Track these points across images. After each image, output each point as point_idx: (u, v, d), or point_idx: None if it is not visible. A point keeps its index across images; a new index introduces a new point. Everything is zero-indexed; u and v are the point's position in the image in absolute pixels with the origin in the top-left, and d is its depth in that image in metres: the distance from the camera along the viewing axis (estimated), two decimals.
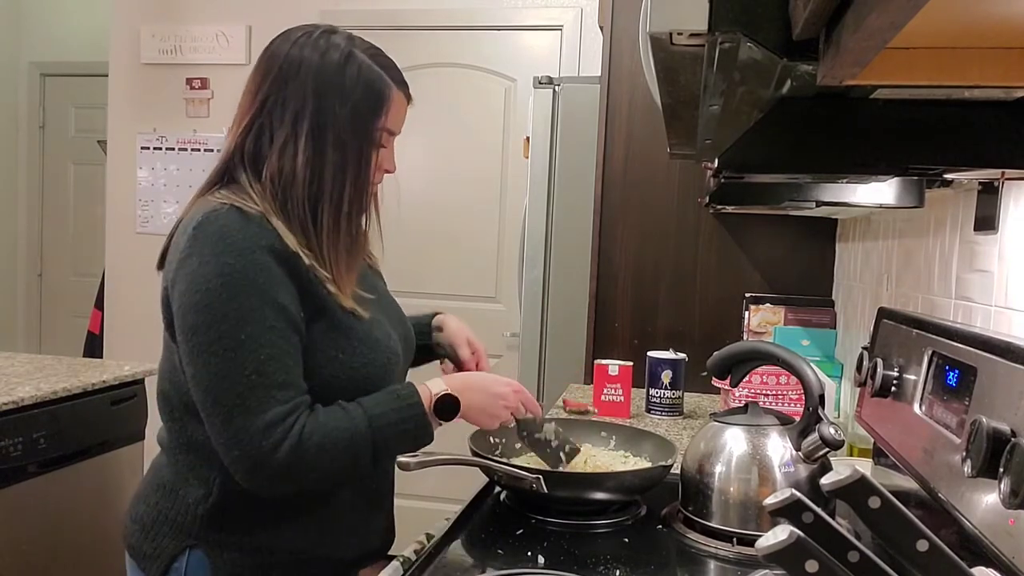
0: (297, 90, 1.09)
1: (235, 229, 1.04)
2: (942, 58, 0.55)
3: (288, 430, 1.02)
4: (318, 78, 1.09)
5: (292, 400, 1.03)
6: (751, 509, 1.16)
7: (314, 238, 1.10)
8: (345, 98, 1.09)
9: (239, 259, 1.02)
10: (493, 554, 1.14)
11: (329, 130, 1.09)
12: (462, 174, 3.46)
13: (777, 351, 1.20)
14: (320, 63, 1.09)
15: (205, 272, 1.02)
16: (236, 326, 1.01)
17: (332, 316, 1.10)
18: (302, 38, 1.12)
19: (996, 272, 1.09)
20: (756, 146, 0.81)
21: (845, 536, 0.61)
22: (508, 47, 3.45)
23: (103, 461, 2.34)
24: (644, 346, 2.25)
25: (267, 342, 1.02)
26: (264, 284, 1.03)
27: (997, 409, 0.80)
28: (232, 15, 3.64)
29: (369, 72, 1.11)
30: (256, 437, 1.01)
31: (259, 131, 1.10)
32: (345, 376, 1.11)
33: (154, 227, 3.78)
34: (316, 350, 1.09)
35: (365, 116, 1.11)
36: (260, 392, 1.01)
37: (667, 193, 2.39)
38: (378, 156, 1.15)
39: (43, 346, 4.76)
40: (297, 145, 1.08)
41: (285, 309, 1.04)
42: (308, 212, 1.09)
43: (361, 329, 1.13)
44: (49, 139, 4.77)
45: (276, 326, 1.03)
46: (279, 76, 1.10)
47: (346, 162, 1.10)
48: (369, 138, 1.13)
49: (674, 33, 0.60)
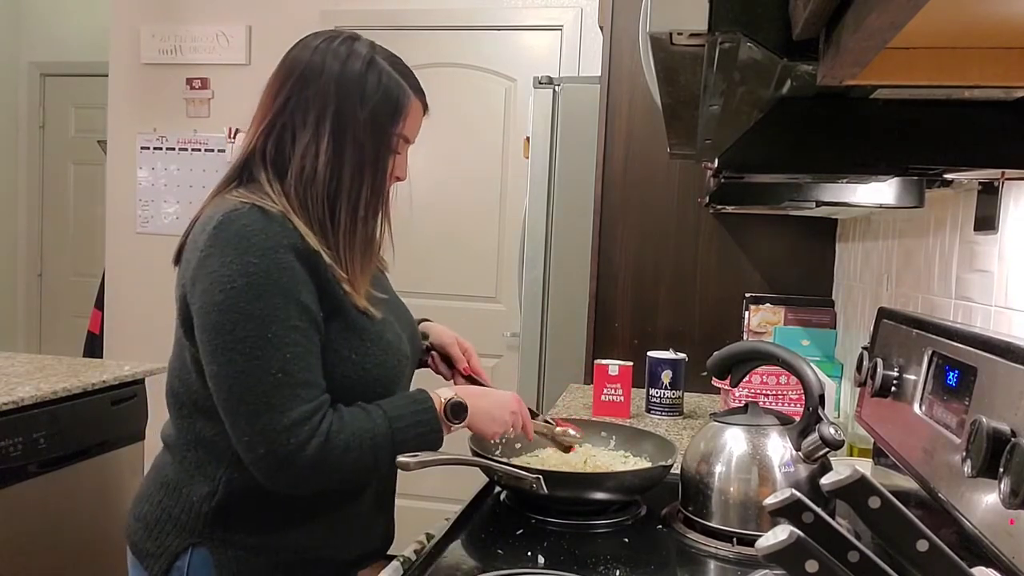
0: (319, 93, 1.11)
1: (257, 228, 1.04)
2: (942, 58, 0.55)
3: (315, 428, 1.03)
4: (340, 82, 1.11)
5: (316, 399, 1.05)
6: (751, 509, 1.16)
7: (331, 237, 1.11)
8: (365, 103, 1.11)
9: (263, 259, 1.03)
10: (493, 554, 1.14)
11: (349, 132, 1.11)
12: (462, 174, 3.46)
13: (777, 351, 1.20)
14: (342, 68, 1.11)
15: (229, 272, 1.02)
16: (262, 325, 1.02)
17: (347, 316, 1.11)
18: (323, 44, 1.14)
19: (996, 272, 1.09)
20: (756, 146, 0.81)
21: (845, 536, 0.61)
22: (508, 47, 3.45)
23: (103, 461, 2.34)
24: (644, 346, 2.25)
25: (292, 341, 1.03)
26: (288, 283, 1.03)
27: (997, 409, 0.80)
28: (232, 15, 3.64)
29: (389, 79, 1.13)
30: (283, 435, 1.01)
31: (280, 131, 1.12)
32: (356, 376, 1.11)
33: (154, 227, 3.79)
34: (331, 349, 1.10)
35: (383, 121, 1.13)
36: (285, 391, 1.02)
37: (667, 193, 2.39)
38: (393, 162, 1.17)
39: (43, 346, 4.76)
40: (319, 146, 1.10)
41: (308, 308, 1.05)
42: (327, 211, 1.11)
43: (374, 330, 1.14)
44: (49, 139, 4.77)
45: (300, 325, 1.04)
46: (300, 79, 1.12)
47: (364, 164, 1.12)
48: (386, 143, 1.14)
49: (674, 33, 0.60)
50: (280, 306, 1.02)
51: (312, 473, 1.04)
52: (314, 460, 1.02)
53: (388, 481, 1.27)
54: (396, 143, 1.16)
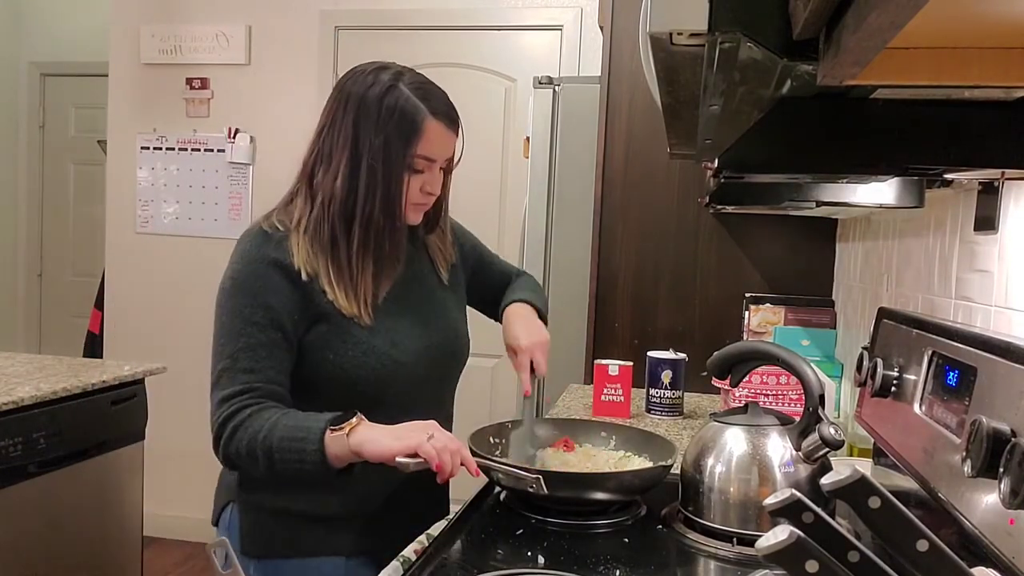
0: (344, 121, 1.25)
1: (255, 245, 1.25)
2: (942, 58, 0.55)
3: (235, 409, 1.18)
4: (359, 110, 1.24)
5: (250, 383, 1.19)
6: (751, 509, 1.16)
7: (344, 250, 1.25)
8: (380, 129, 1.23)
9: (246, 267, 1.23)
10: (493, 554, 1.14)
11: (365, 158, 1.23)
12: (462, 174, 3.43)
13: (777, 351, 1.20)
14: (363, 96, 1.24)
15: (226, 275, 1.25)
16: (230, 319, 1.22)
17: (331, 320, 1.24)
18: (358, 75, 1.27)
19: (996, 272, 1.09)
20: (756, 146, 0.81)
21: (845, 536, 0.61)
22: (508, 47, 3.45)
23: (103, 461, 2.34)
24: (644, 346, 2.25)
25: (247, 333, 1.20)
26: (259, 289, 1.22)
27: (997, 409, 0.80)
28: (232, 15, 3.64)
29: (406, 103, 1.23)
30: (213, 409, 1.20)
31: (317, 156, 1.28)
32: (335, 376, 1.24)
33: (154, 227, 3.78)
34: (314, 349, 1.24)
35: (396, 144, 1.23)
36: (230, 373, 1.20)
37: (667, 193, 2.39)
38: (415, 180, 1.27)
39: (43, 346, 4.76)
40: (339, 170, 1.24)
41: (272, 309, 1.21)
42: (342, 227, 1.25)
43: (360, 334, 1.25)
44: (49, 139, 4.77)
45: (259, 322, 1.21)
46: (335, 108, 1.26)
47: (375, 186, 1.24)
48: (401, 164, 1.24)
49: (674, 33, 0.60)
50: (246, 304, 1.21)
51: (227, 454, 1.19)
52: (226, 442, 1.18)
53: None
54: (414, 163, 1.26)
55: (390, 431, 1.13)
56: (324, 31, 3.55)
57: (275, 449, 1.14)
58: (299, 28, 3.58)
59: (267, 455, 1.14)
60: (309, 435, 1.12)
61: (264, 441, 1.14)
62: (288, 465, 1.14)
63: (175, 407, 3.29)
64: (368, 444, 1.11)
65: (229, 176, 3.71)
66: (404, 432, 1.13)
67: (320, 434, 1.12)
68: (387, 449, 1.10)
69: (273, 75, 3.60)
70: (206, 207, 3.73)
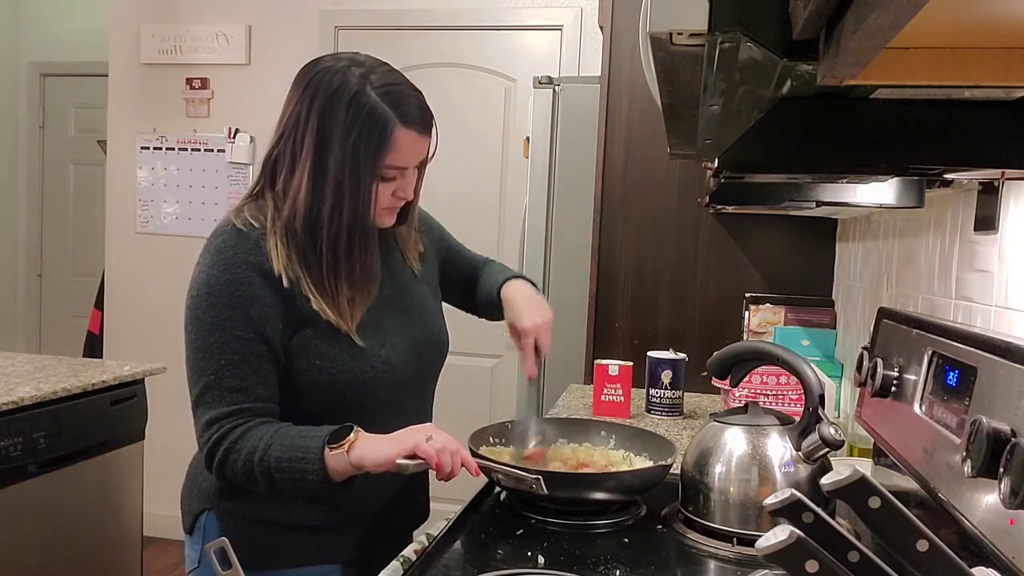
0: (309, 123, 1.16)
1: (230, 245, 1.17)
2: (942, 58, 0.55)
3: (225, 431, 1.13)
4: (323, 114, 1.15)
5: (240, 404, 1.14)
6: (751, 509, 1.16)
7: (315, 265, 1.18)
8: (345, 139, 1.14)
9: (224, 273, 1.15)
10: (493, 554, 1.14)
11: (329, 171, 1.15)
12: (462, 174, 3.46)
13: (777, 351, 1.20)
14: (329, 102, 1.15)
15: (199, 280, 1.17)
16: (208, 331, 1.14)
17: (316, 325, 1.19)
18: (324, 72, 1.17)
19: (996, 272, 1.09)
20: (756, 146, 0.81)
21: (845, 536, 0.61)
22: (508, 47, 3.45)
23: (103, 461, 2.34)
24: (644, 346, 2.25)
25: (230, 349, 1.14)
26: (240, 298, 1.14)
27: (997, 409, 0.80)
28: (232, 15, 3.64)
29: (373, 112, 1.14)
30: (204, 431, 1.15)
31: (279, 156, 1.20)
32: (323, 381, 1.19)
33: (154, 227, 3.78)
34: (301, 355, 1.18)
35: (364, 156, 1.15)
36: (215, 391, 1.14)
37: (667, 193, 2.39)
38: (385, 187, 1.19)
39: (43, 346, 4.76)
40: (303, 181, 1.16)
41: (254, 321, 1.14)
42: (310, 243, 1.18)
43: (347, 338, 1.20)
44: (49, 139, 4.76)
45: (242, 336, 1.14)
46: (298, 105, 1.18)
47: (343, 201, 1.16)
48: (370, 175, 1.16)
49: (674, 33, 0.60)
50: (227, 316, 1.14)
51: (223, 474, 1.15)
52: (220, 463, 1.14)
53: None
54: (383, 172, 1.18)
55: (388, 438, 1.12)
56: (324, 31, 3.55)
57: (274, 470, 1.11)
58: (299, 28, 3.58)
59: (266, 475, 1.12)
60: (308, 455, 1.10)
61: (261, 462, 1.11)
62: (289, 484, 1.13)
63: (175, 407, 3.27)
64: (369, 456, 1.10)
65: (229, 176, 3.71)
66: (402, 436, 1.13)
67: (319, 452, 1.10)
68: (387, 456, 1.10)
69: (273, 75, 3.58)
70: (206, 207, 3.73)
